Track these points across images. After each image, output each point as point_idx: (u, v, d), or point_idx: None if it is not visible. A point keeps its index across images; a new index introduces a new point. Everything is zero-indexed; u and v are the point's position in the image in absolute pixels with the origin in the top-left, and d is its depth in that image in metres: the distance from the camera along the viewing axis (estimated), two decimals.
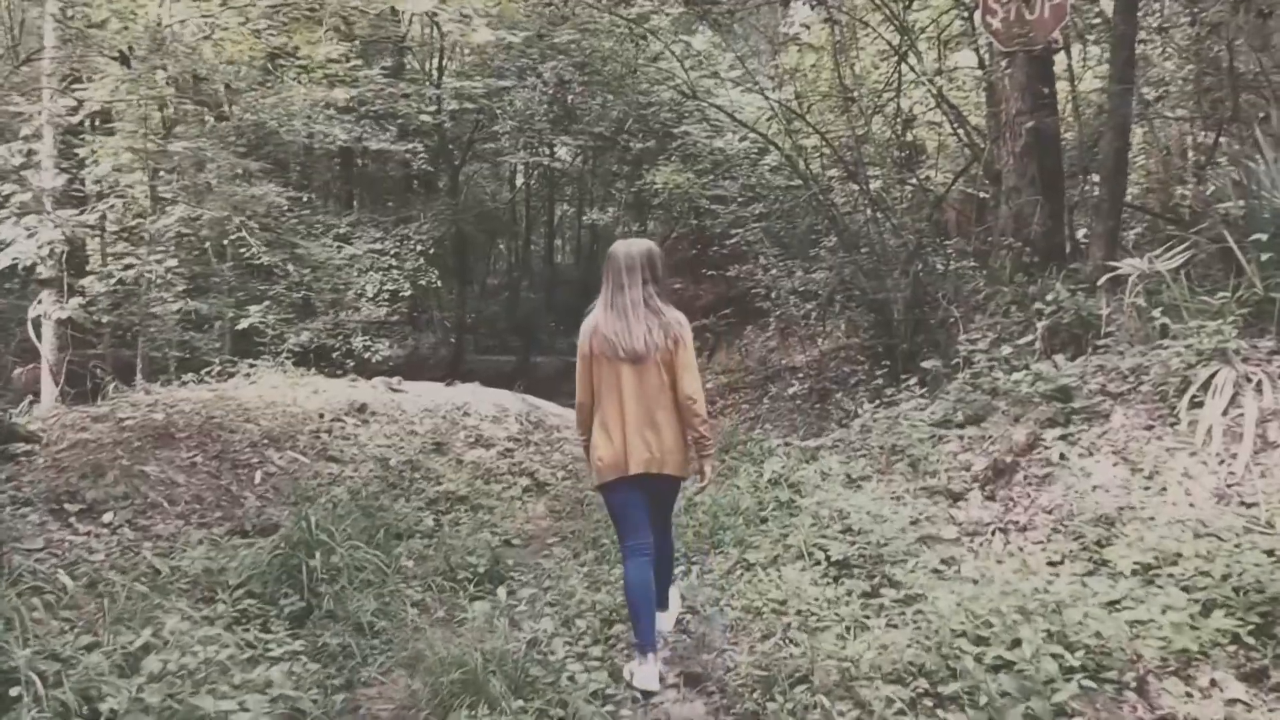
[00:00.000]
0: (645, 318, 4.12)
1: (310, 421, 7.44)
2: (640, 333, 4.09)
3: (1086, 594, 3.73)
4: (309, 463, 6.78)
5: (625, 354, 4.09)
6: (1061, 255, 8.20)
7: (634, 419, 4.10)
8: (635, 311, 4.12)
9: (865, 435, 7.15)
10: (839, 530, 5.19)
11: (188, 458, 6.27)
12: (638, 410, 4.10)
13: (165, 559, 4.96)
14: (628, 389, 4.11)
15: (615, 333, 4.11)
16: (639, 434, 4.10)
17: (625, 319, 4.12)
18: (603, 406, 4.17)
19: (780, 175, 12.67)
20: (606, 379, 4.15)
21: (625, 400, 4.11)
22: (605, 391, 4.16)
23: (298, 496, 6.24)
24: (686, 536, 5.75)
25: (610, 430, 4.14)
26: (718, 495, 6.33)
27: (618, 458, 4.12)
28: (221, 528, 5.58)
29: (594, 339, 4.17)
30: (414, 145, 14.60)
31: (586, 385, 4.24)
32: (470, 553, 5.75)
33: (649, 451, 4.11)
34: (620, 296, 4.15)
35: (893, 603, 4.16)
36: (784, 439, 8.25)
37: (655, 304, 4.17)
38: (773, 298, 11.86)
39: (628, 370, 4.10)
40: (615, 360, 4.11)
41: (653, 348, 4.08)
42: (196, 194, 10.08)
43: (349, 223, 15.47)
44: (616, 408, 4.12)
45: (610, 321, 4.13)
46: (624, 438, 4.10)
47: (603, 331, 4.14)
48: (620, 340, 4.09)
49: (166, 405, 7.26)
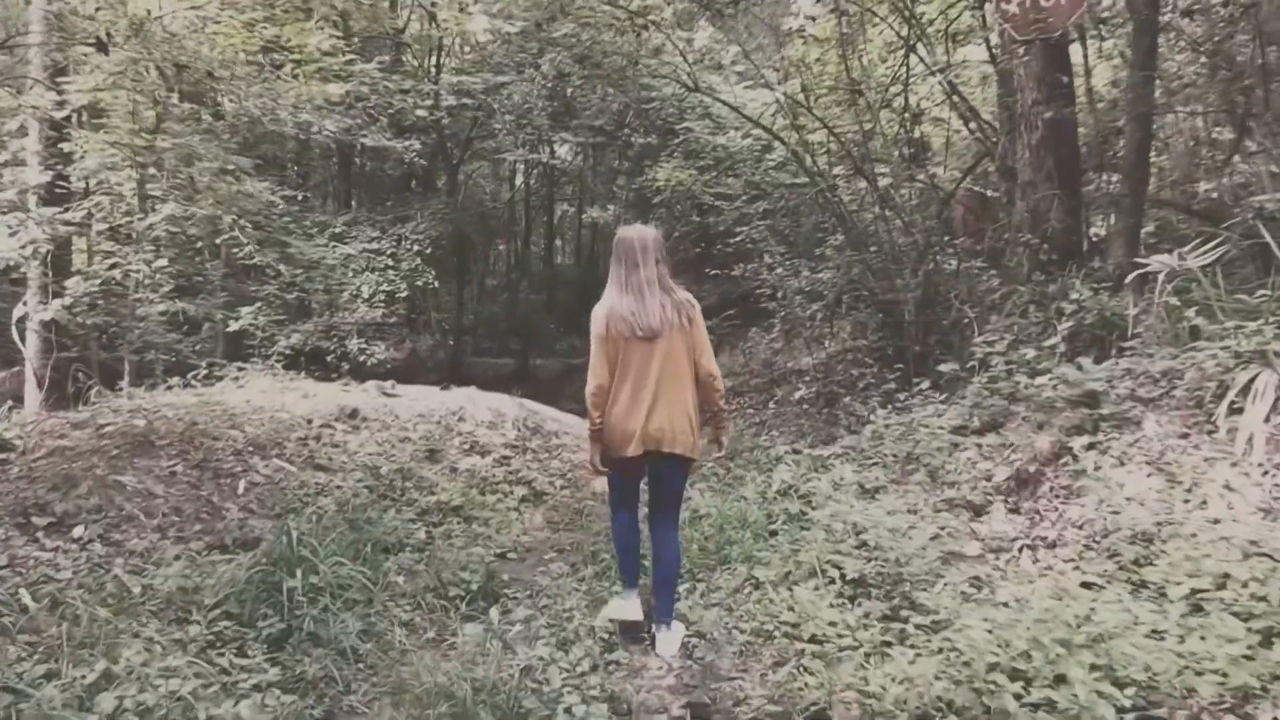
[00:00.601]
0: (660, 295, 4.25)
1: (298, 428, 7.14)
2: (655, 309, 4.22)
3: (1129, 620, 3.43)
4: (295, 471, 6.48)
5: (643, 331, 4.20)
6: (1079, 253, 7.89)
7: (649, 397, 4.20)
8: (650, 289, 4.25)
9: (878, 442, 6.85)
10: (854, 545, 4.88)
11: (167, 467, 5.97)
12: (653, 389, 4.20)
13: (137, 577, 4.65)
14: (643, 368, 4.20)
15: (632, 311, 4.21)
16: (653, 412, 4.20)
17: (641, 297, 4.24)
18: (619, 386, 4.24)
19: (785, 172, 12.36)
20: (622, 359, 4.23)
21: (641, 379, 4.20)
22: (622, 371, 4.23)
23: (282, 508, 5.93)
24: (691, 550, 5.43)
25: (625, 407, 4.23)
26: (724, 506, 6.02)
27: (629, 434, 4.21)
28: (200, 542, 5.27)
29: (610, 319, 4.24)
30: (411, 141, 14.27)
31: (604, 367, 4.26)
32: (463, 568, 5.44)
33: (659, 430, 4.21)
34: (635, 275, 4.27)
35: (917, 629, 3.85)
36: (792, 446, 7.94)
37: (668, 283, 4.32)
38: (779, 298, 11.55)
39: (644, 349, 4.21)
40: (632, 339, 4.20)
41: (668, 324, 4.21)
42: (186, 191, 9.77)
43: (345, 222, 15.17)
44: (631, 387, 4.21)
45: (626, 301, 4.23)
46: (638, 415, 4.20)
47: (619, 311, 4.23)
48: (637, 318, 4.20)
49: (149, 411, 6.96)
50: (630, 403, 4.22)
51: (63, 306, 8.64)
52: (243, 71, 10.38)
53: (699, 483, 7.37)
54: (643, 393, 4.20)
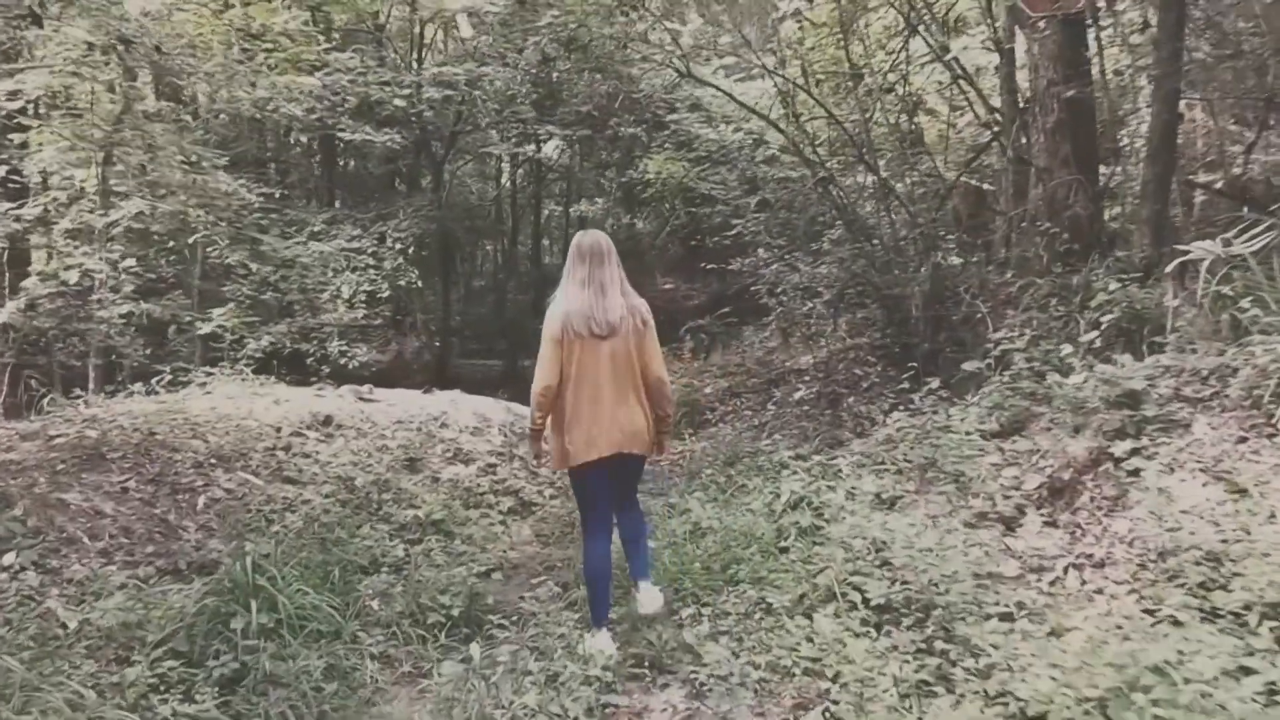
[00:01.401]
0: (619, 296, 4.30)
1: (266, 437, 6.61)
2: (616, 307, 4.25)
3: (1208, 657, 2.95)
4: (261, 485, 5.96)
5: (602, 329, 4.21)
6: (1101, 242, 7.43)
7: (608, 399, 4.23)
8: (611, 289, 4.29)
9: (890, 447, 6.36)
10: (875, 564, 4.40)
11: (119, 482, 5.45)
12: (611, 390, 4.23)
13: (74, 610, 4.14)
14: (602, 369, 4.22)
15: (592, 309, 4.22)
16: (612, 414, 4.23)
17: (602, 295, 4.26)
18: (574, 389, 4.22)
19: (779, 165, 11.87)
20: (579, 360, 4.22)
21: (599, 380, 4.22)
22: (577, 373, 4.22)
23: (245, 526, 5.41)
24: (694, 570, 4.94)
25: (583, 411, 4.22)
26: (728, 519, 5.53)
27: (593, 439, 4.22)
28: (150, 567, 4.75)
29: (567, 319, 4.22)
30: (392, 135, 13.73)
31: (555, 368, 4.22)
32: (443, 590, 4.94)
33: (621, 432, 4.24)
34: (599, 272, 4.28)
35: (960, 668, 3.36)
36: (795, 450, 7.45)
37: (627, 286, 4.39)
38: (778, 295, 11.08)
39: (602, 349, 4.22)
40: (589, 339, 4.21)
41: (625, 324, 4.25)
42: (150, 186, 9.24)
43: (325, 220, 14.62)
44: (590, 388, 4.21)
45: (586, 299, 4.24)
46: (598, 418, 4.22)
47: (579, 309, 4.22)
48: (596, 315, 4.22)
49: (105, 420, 6.44)
50: (590, 407, 4.23)
51: (18, 309, 8.10)
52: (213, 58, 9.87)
53: (697, 491, 6.89)
54: (601, 394, 4.22)
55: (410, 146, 18.24)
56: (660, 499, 7.18)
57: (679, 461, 8.82)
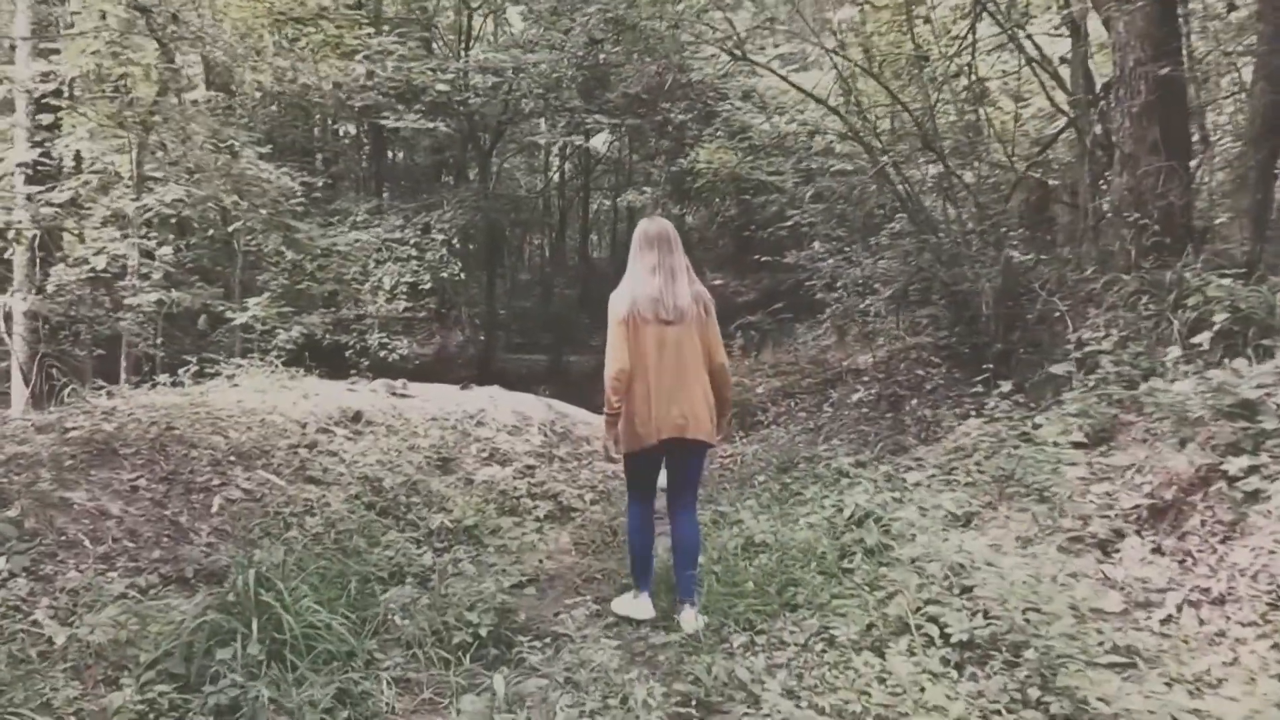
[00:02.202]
0: (687, 282, 4.35)
1: (291, 433, 6.24)
2: (684, 293, 4.31)
3: None
4: (282, 485, 5.58)
5: (670, 314, 4.26)
6: (1192, 235, 6.80)
7: (670, 383, 4.25)
8: (680, 275, 4.34)
9: (962, 456, 5.82)
10: (954, 592, 3.89)
11: (129, 480, 5.09)
12: (674, 374, 4.26)
13: (64, 624, 3.76)
14: (667, 354, 4.26)
15: (662, 293, 4.27)
16: (674, 398, 4.25)
17: (672, 281, 4.31)
18: (638, 373, 4.25)
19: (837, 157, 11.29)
20: (645, 344, 4.25)
21: (663, 365, 4.25)
22: (642, 355, 4.24)
23: (261, 530, 5.03)
24: (745, 589, 4.46)
25: (646, 396, 4.25)
26: (784, 533, 5.04)
27: (656, 422, 4.25)
28: (154, 574, 4.37)
29: (635, 303, 4.25)
30: (438, 123, 13.40)
31: (625, 351, 4.23)
32: (471, 605, 4.51)
33: (683, 416, 4.26)
34: (668, 259, 4.33)
35: None
36: (855, 457, 6.94)
37: (692, 274, 4.44)
38: (835, 290, 10.54)
39: (668, 334, 4.26)
40: (656, 323, 4.25)
41: (692, 312, 4.31)
42: (185, 171, 8.95)
43: (368, 210, 14.33)
44: (654, 372, 4.24)
45: (656, 284, 4.28)
46: (662, 403, 4.24)
47: (647, 293, 4.27)
48: (666, 300, 4.27)
49: (124, 413, 6.10)
50: (652, 391, 4.24)
51: (43, 296, 7.83)
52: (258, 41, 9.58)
53: (749, 500, 6.40)
54: (664, 380, 4.25)
55: (457, 138, 17.98)
56: (710, 507, 6.71)
57: (729, 466, 8.33)
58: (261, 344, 9.20)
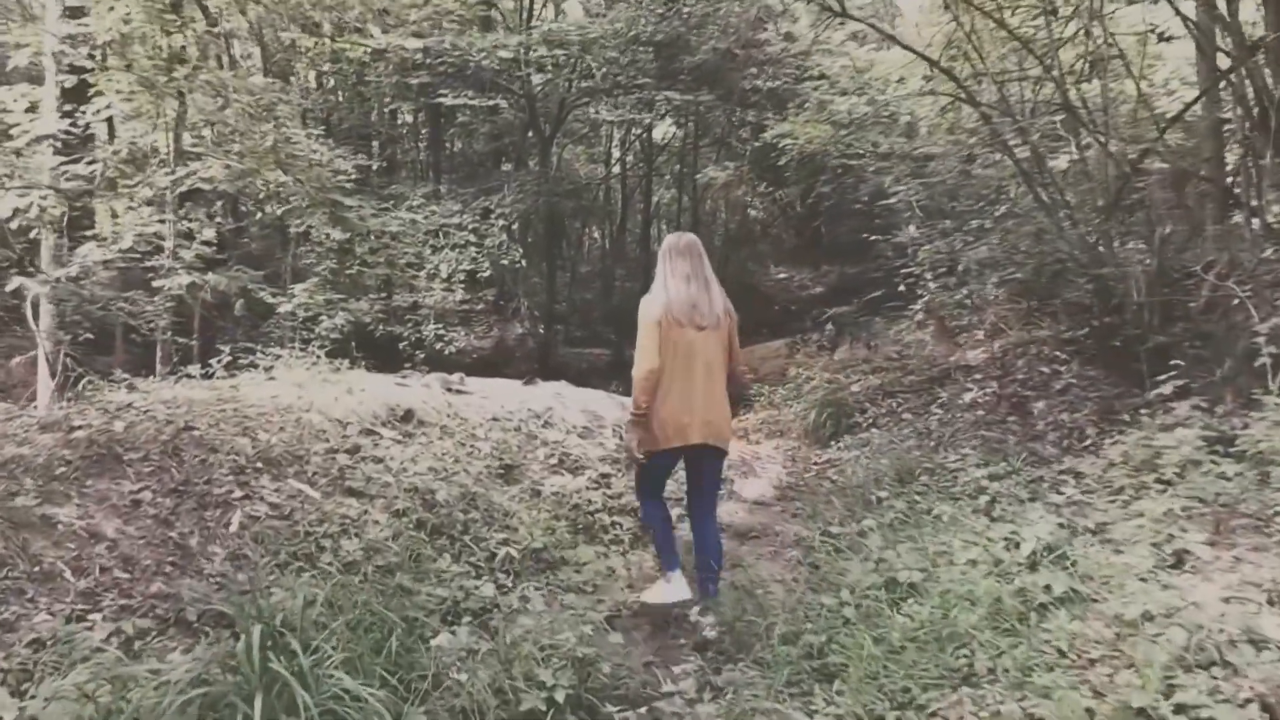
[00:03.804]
0: (719, 294, 4.56)
1: (330, 435, 5.34)
2: (719, 301, 4.52)
3: None
4: (317, 498, 4.67)
5: (705, 320, 4.43)
6: None
7: (701, 388, 4.39)
8: (713, 284, 4.54)
9: (1138, 473, 4.74)
10: (1202, 664, 2.84)
11: (132, 492, 4.21)
12: (705, 380, 4.41)
13: (15, 693, 2.87)
14: (697, 359, 4.39)
15: (698, 300, 4.43)
16: (706, 403, 4.40)
17: (707, 288, 4.50)
18: (668, 376, 4.34)
19: (940, 127, 10.16)
20: (677, 348, 4.35)
21: (693, 369, 4.38)
22: (672, 362, 4.34)
23: (287, 554, 4.12)
24: (899, 648, 3.44)
25: (676, 398, 4.35)
26: (937, 571, 3.99)
27: (685, 426, 4.36)
28: (148, 617, 3.47)
29: (670, 307, 4.38)
30: (498, 100, 12.53)
31: (656, 352, 4.32)
32: (543, 658, 3.56)
33: (711, 422, 4.42)
34: (700, 268, 4.52)
35: None
36: (986, 468, 5.87)
37: (718, 285, 4.61)
38: (937, 278, 9.46)
39: (697, 340, 4.40)
40: (689, 329, 4.38)
41: (724, 320, 4.53)
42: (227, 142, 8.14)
43: (424, 194, 13.50)
44: (685, 377, 4.36)
45: (692, 292, 4.43)
46: (692, 406, 4.37)
47: (683, 299, 4.41)
48: (702, 307, 4.43)
49: (140, 409, 5.24)
50: (683, 395, 4.36)
51: (67, 278, 7.04)
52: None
53: (867, 519, 5.36)
54: (693, 384, 4.38)
55: (517, 124, 17.15)
56: (814, 525, 5.69)
57: (827, 475, 7.29)
58: (304, 332, 8.36)
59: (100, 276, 7.37)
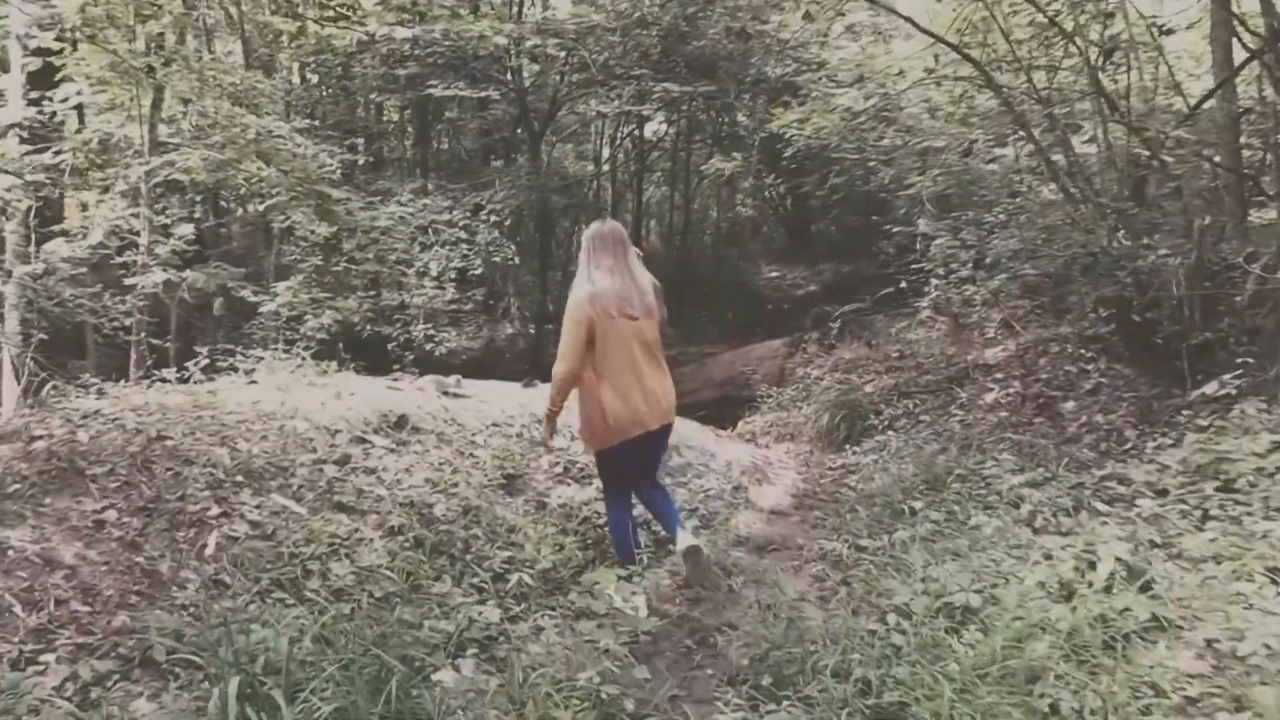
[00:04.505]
0: (645, 280, 4.54)
1: (317, 444, 4.89)
2: (649, 289, 4.53)
3: None
4: (304, 514, 4.23)
5: (638, 310, 4.42)
6: None
7: (648, 375, 4.43)
8: (639, 275, 4.52)
9: (1194, 481, 4.35)
10: None
11: (95, 511, 3.77)
12: (649, 367, 4.45)
13: None
14: (637, 347, 4.41)
15: (628, 292, 4.40)
16: (654, 389, 4.44)
17: (633, 280, 4.46)
18: (612, 369, 4.34)
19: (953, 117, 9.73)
20: (614, 339, 4.34)
21: (636, 358, 4.39)
22: (613, 351, 4.34)
23: (270, 580, 3.68)
24: (967, 681, 3.02)
25: (625, 388, 4.35)
26: (990, 590, 3.58)
27: (640, 415, 4.39)
28: (110, 657, 3.03)
29: (600, 301, 4.33)
30: (489, 92, 12.10)
31: (579, 351, 4.33)
32: (560, 697, 3.14)
33: (661, 404, 4.48)
34: (624, 261, 4.47)
35: None
36: (1022, 474, 5.47)
37: (646, 272, 4.61)
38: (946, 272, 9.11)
39: (631, 329, 4.39)
40: (619, 319, 4.35)
41: (651, 306, 4.51)
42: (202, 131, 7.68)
43: (413, 190, 13.04)
44: (630, 368, 4.37)
45: (618, 283, 4.39)
46: (645, 394, 4.39)
47: (612, 291, 4.36)
48: (632, 299, 4.41)
49: (109, 417, 4.80)
50: (634, 384, 4.36)
51: (30, 275, 6.57)
52: None
53: (900, 531, 4.95)
54: (640, 370, 4.38)
55: (507, 120, 16.75)
56: (842, 538, 5.28)
57: (845, 482, 6.88)
58: (287, 333, 7.89)
59: (69, 274, 6.85)
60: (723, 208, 21.53)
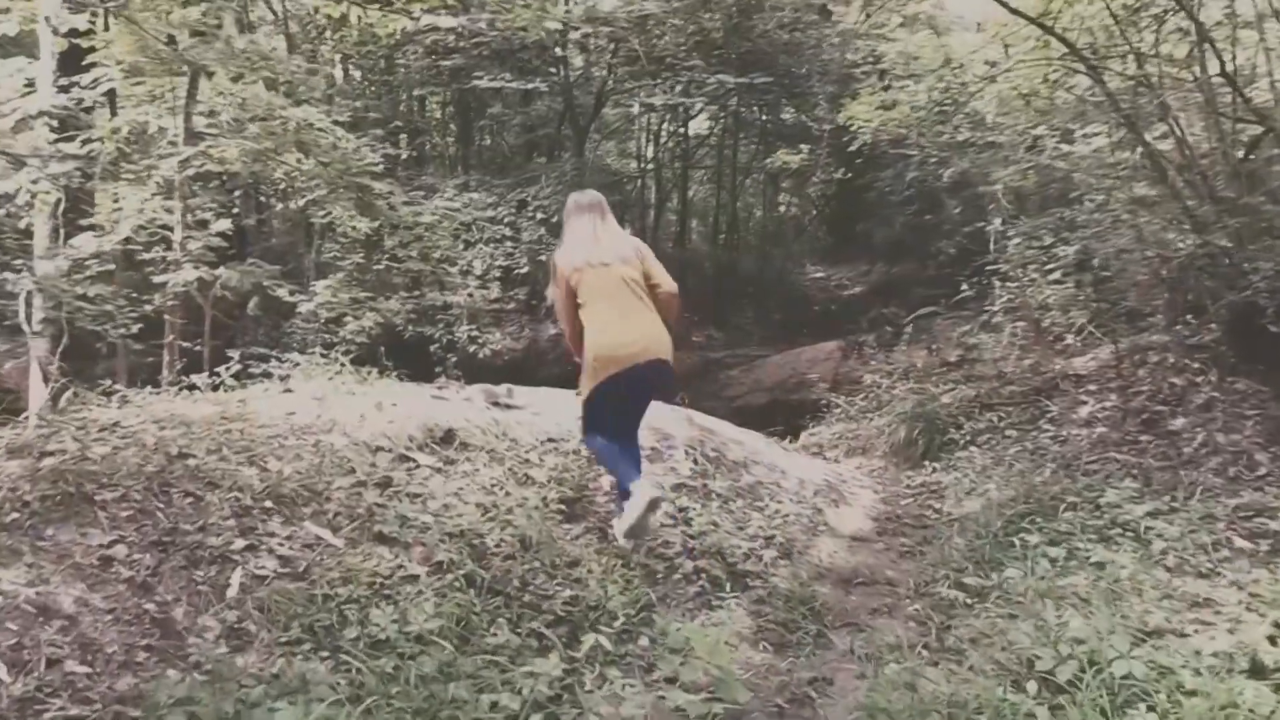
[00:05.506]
0: (622, 236, 4.69)
1: (356, 463, 4.39)
2: (625, 243, 4.62)
3: None
4: (340, 547, 3.72)
5: (616, 258, 4.48)
6: None
7: (631, 310, 4.43)
8: (616, 234, 4.63)
9: None
10: None
11: (103, 545, 3.28)
12: (632, 303, 4.44)
13: None
14: (617, 286, 4.44)
15: (603, 245, 4.51)
16: (638, 322, 4.43)
17: (611, 235, 4.59)
18: (594, 310, 4.43)
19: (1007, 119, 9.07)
20: (593, 287, 4.43)
21: (617, 297, 4.43)
22: (594, 298, 4.43)
23: (301, 627, 3.17)
24: None
25: (606, 322, 4.40)
26: (1143, 653, 2.98)
27: (623, 343, 4.37)
28: None
29: (569, 258, 4.49)
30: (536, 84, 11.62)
31: (569, 312, 4.52)
32: None
33: (647, 338, 4.42)
34: (601, 222, 4.59)
35: None
36: (1144, 503, 4.85)
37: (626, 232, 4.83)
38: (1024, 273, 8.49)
39: (610, 272, 4.44)
40: (604, 267, 4.44)
41: (631, 252, 4.57)
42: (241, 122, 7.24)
43: (456, 186, 12.60)
44: (610, 304, 4.41)
45: (596, 239, 4.52)
46: (624, 327, 4.39)
47: (579, 245, 4.52)
48: (607, 249, 4.50)
49: (128, 429, 4.33)
50: (612, 318, 4.39)
51: (57, 272, 6.15)
52: None
53: (1009, 570, 4.36)
54: (622, 305, 4.41)
55: (551, 115, 16.32)
56: (939, 572, 4.69)
57: (929, 504, 6.28)
58: (326, 335, 7.42)
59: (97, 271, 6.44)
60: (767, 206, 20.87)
